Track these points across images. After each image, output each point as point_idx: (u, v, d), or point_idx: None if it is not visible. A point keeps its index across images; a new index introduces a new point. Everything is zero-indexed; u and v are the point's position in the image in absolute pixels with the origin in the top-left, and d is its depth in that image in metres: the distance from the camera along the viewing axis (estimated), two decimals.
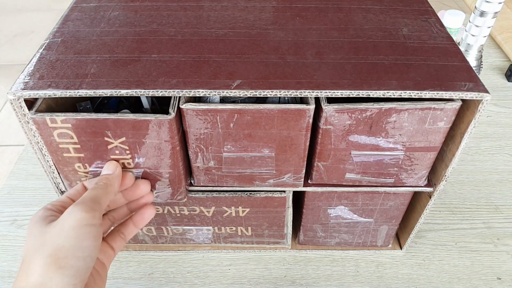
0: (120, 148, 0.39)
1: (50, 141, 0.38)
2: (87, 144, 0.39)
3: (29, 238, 0.34)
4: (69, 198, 0.38)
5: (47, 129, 0.37)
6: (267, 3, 0.48)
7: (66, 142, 0.39)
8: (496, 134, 0.74)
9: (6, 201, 0.63)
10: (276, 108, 0.37)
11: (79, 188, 0.40)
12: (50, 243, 0.33)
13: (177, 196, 0.44)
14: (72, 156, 0.40)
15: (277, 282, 0.54)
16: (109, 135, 0.38)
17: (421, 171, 0.44)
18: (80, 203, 0.35)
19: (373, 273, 0.55)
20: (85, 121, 0.37)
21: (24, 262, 0.33)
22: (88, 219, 0.34)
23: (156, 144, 0.39)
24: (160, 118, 0.36)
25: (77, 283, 0.33)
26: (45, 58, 0.39)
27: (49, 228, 0.34)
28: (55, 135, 0.38)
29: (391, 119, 0.39)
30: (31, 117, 0.36)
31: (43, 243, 0.33)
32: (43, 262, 0.32)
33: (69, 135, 0.38)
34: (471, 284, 0.53)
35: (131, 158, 0.40)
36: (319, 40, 0.42)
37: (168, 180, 0.42)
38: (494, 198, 0.64)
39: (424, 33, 0.43)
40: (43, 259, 0.32)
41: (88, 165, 0.41)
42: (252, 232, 0.53)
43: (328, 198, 0.48)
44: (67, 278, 0.32)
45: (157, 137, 0.38)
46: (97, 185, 0.37)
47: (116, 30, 0.43)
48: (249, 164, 0.43)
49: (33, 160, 0.69)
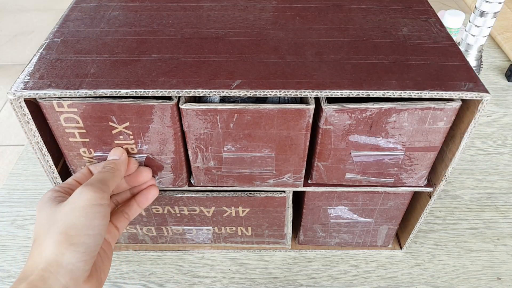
0: (124, 133, 0.40)
1: (56, 126, 0.39)
2: (92, 128, 0.39)
3: (40, 217, 0.36)
4: (76, 181, 0.40)
5: (54, 113, 0.38)
6: (267, 3, 0.48)
7: (72, 127, 0.39)
8: (496, 134, 0.74)
9: (6, 201, 0.63)
10: (276, 108, 0.37)
11: (85, 171, 0.41)
12: (61, 221, 0.34)
13: (178, 182, 0.45)
14: (78, 141, 0.41)
15: (277, 282, 0.54)
16: (114, 120, 0.39)
17: (421, 171, 0.44)
18: (90, 184, 0.36)
19: (373, 273, 0.55)
20: (91, 105, 0.37)
21: (36, 240, 0.35)
22: (98, 199, 0.36)
23: (159, 130, 0.39)
24: (163, 103, 0.37)
25: (88, 259, 0.35)
26: (45, 58, 0.39)
27: (59, 207, 0.35)
28: (62, 119, 0.39)
29: (391, 119, 0.39)
30: (39, 101, 0.37)
31: (54, 221, 0.35)
32: (56, 239, 0.34)
33: (75, 120, 0.39)
34: (471, 284, 0.53)
35: (134, 143, 0.41)
36: (319, 40, 0.42)
37: (170, 165, 0.43)
38: (494, 198, 0.64)
39: (424, 33, 0.43)
40: (56, 236, 0.34)
41: (93, 150, 0.41)
42: (252, 232, 0.53)
43: (328, 198, 0.48)
44: (78, 254, 0.34)
45: (160, 123, 0.38)
46: (105, 169, 0.39)
47: (116, 30, 0.43)
48: (249, 164, 0.43)
49: (33, 160, 0.69)
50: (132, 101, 0.37)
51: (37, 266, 0.33)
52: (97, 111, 0.38)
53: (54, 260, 0.33)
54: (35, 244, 0.35)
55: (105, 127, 0.39)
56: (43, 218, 0.36)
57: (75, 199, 0.36)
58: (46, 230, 0.35)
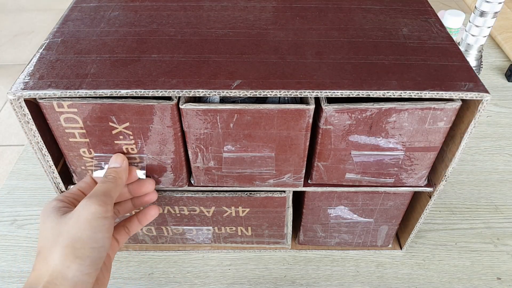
0: (124, 133, 0.40)
1: (56, 126, 0.39)
2: (92, 129, 0.39)
3: (44, 229, 0.36)
4: (80, 191, 0.40)
5: (54, 113, 0.38)
6: (267, 3, 0.48)
7: (72, 127, 0.39)
8: (496, 134, 0.74)
9: (6, 201, 0.63)
10: (276, 108, 0.37)
11: (89, 181, 0.42)
12: (66, 234, 0.35)
13: (178, 182, 0.45)
14: (78, 141, 0.40)
15: (277, 282, 0.54)
16: (114, 120, 0.38)
17: (421, 171, 0.44)
18: (94, 197, 0.37)
19: (373, 273, 0.55)
20: (91, 106, 0.37)
21: (41, 253, 0.35)
22: (102, 212, 0.36)
23: (159, 130, 0.39)
24: (163, 104, 0.37)
25: (92, 272, 0.35)
26: (45, 58, 0.39)
27: (64, 219, 0.36)
28: (62, 119, 0.38)
29: (391, 119, 0.39)
30: (39, 101, 0.37)
31: (59, 234, 0.35)
32: (61, 252, 0.34)
33: (75, 120, 0.39)
34: (471, 284, 0.53)
35: (134, 144, 0.41)
36: (319, 40, 0.42)
37: (170, 166, 0.43)
38: (494, 198, 0.64)
39: (424, 33, 0.43)
40: (61, 249, 0.34)
41: (93, 151, 0.41)
42: (252, 232, 0.53)
43: (328, 198, 0.48)
44: (83, 267, 0.34)
45: (160, 123, 0.38)
46: (107, 179, 0.39)
47: (116, 30, 0.43)
48: (249, 164, 0.43)
49: (33, 160, 0.69)
50: (132, 101, 0.37)
51: (42, 278, 0.33)
52: (97, 111, 0.38)
53: (59, 272, 0.33)
54: (39, 256, 0.35)
55: (105, 127, 0.39)
56: (47, 230, 0.36)
57: (80, 212, 0.36)
58: (51, 243, 0.35)
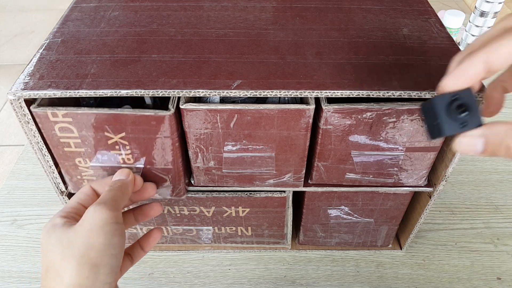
0: (120, 143, 0.39)
1: (51, 135, 0.39)
2: (88, 138, 0.39)
3: (50, 244, 0.34)
4: (80, 204, 0.37)
5: (49, 123, 0.37)
6: (267, 3, 0.48)
7: (67, 137, 0.39)
8: None
9: (6, 201, 0.63)
10: (276, 108, 0.37)
11: (88, 192, 0.39)
12: (79, 244, 0.32)
13: (176, 191, 0.44)
14: (73, 151, 0.40)
15: (277, 282, 0.54)
16: (109, 130, 0.38)
17: (421, 171, 0.44)
18: (103, 203, 0.35)
19: (373, 273, 0.55)
20: (86, 115, 0.37)
21: (50, 268, 0.33)
22: (114, 218, 0.34)
23: (156, 140, 0.39)
24: (160, 114, 0.36)
25: (111, 282, 0.33)
26: (45, 58, 0.39)
27: (72, 230, 0.33)
28: (56, 129, 0.38)
29: (391, 119, 0.39)
30: (33, 110, 0.36)
31: (70, 245, 0.33)
32: (76, 263, 0.32)
33: (70, 130, 0.38)
34: (471, 284, 0.53)
35: (131, 154, 0.40)
36: (319, 40, 0.42)
37: (167, 176, 0.42)
38: (494, 198, 0.64)
39: (424, 33, 0.43)
40: (75, 260, 0.32)
41: (88, 160, 0.41)
42: (252, 232, 0.53)
43: (328, 198, 0.48)
44: (102, 276, 0.32)
45: (157, 133, 0.38)
46: (113, 187, 0.37)
47: (116, 30, 0.43)
48: (249, 164, 0.43)
49: (33, 160, 0.69)
50: (128, 112, 0.36)
51: None
52: (92, 121, 0.37)
53: (77, 284, 0.31)
54: (49, 272, 0.33)
55: (100, 137, 0.39)
56: (54, 245, 0.33)
57: (89, 219, 0.34)
58: (61, 256, 0.32)
